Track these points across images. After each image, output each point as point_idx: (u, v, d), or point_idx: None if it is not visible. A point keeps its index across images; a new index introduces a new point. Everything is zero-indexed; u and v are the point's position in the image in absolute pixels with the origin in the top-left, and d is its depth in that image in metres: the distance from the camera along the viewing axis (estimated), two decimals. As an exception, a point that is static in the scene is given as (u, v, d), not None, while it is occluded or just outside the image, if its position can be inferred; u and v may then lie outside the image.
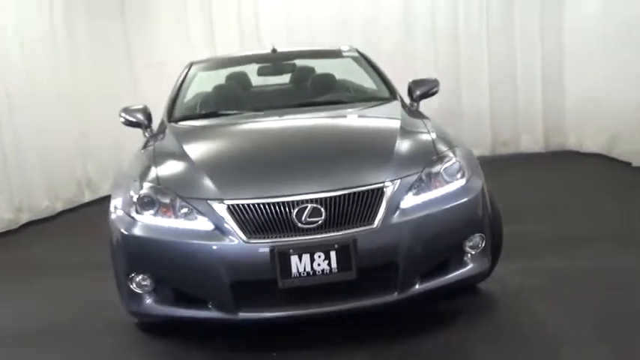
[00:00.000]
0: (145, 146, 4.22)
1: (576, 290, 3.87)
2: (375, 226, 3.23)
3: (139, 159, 3.88)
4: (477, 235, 3.47)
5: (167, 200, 3.38)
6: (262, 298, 3.25)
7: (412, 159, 3.51)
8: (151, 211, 3.40)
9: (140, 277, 3.40)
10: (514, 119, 8.41)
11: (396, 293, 3.28)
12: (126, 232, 3.40)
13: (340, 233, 3.20)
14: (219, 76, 5.16)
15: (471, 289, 3.90)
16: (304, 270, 3.16)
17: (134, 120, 4.58)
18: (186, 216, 3.33)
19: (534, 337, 3.35)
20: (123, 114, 4.63)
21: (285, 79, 5.27)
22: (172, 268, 3.32)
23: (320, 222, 3.20)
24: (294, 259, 3.15)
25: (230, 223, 3.21)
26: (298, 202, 3.23)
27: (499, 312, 3.73)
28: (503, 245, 3.81)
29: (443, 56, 8.38)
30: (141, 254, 3.37)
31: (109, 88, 8.39)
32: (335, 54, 5.27)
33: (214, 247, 3.20)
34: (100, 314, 4.16)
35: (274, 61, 5.22)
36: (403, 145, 3.61)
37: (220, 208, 3.26)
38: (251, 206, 3.24)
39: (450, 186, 3.45)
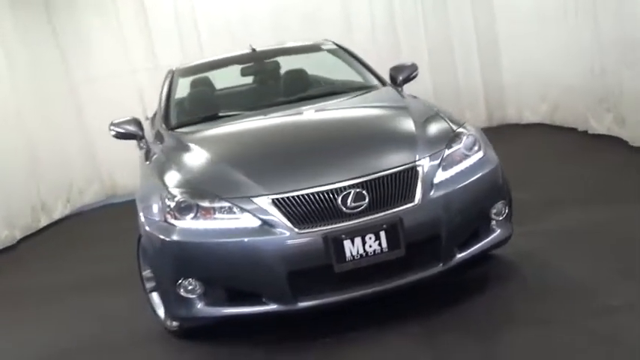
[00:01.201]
0: (149, 156, 4.21)
1: (583, 244, 4.13)
2: (416, 203, 3.38)
3: (156, 168, 3.88)
4: (500, 202, 3.68)
5: (206, 202, 3.42)
6: (319, 285, 3.34)
7: (434, 137, 3.69)
8: (190, 215, 3.43)
9: (189, 281, 3.42)
10: (457, 98, 8.74)
11: (440, 265, 3.45)
12: (169, 239, 3.42)
13: (385, 214, 3.34)
14: (204, 81, 5.17)
15: (486, 257, 4.07)
16: (357, 252, 3.27)
17: (127, 132, 4.55)
18: (228, 215, 3.38)
19: (566, 288, 3.59)
20: (113, 127, 4.60)
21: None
22: (223, 268, 3.37)
23: (364, 205, 3.33)
24: (347, 243, 3.26)
25: (278, 216, 3.29)
26: (342, 189, 3.34)
27: (522, 273, 3.94)
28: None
29: (383, 46, 8.60)
30: (188, 259, 3.40)
31: (50, 107, 8.20)
32: (314, 48, 5.37)
33: (267, 242, 3.27)
34: (124, 328, 4.17)
35: (256, 61, 5.27)
36: (421, 125, 3.78)
37: (265, 203, 3.33)
38: (296, 197, 3.33)
39: (471, 159, 3.65)
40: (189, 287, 3.43)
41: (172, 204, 3.46)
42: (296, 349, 3.46)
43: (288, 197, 3.33)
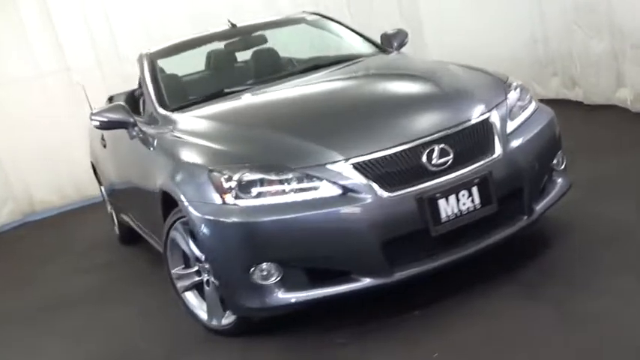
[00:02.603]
0: (149, 143, 3.78)
1: (621, 193, 4.05)
2: (498, 155, 3.18)
3: (184, 150, 3.44)
4: (559, 152, 3.55)
5: (272, 176, 3.03)
6: (415, 252, 3.04)
7: (491, 89, 3.51)
8: (254, 192, 3.03)
9: (264, 266, 3.01)
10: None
11: (525, 218, 3.26)
12: (235, 222, 3.00)
13: (473, 168, 3.10)
14: (184, 61, 4.69)
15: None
16: (452, 212, 3.02)
17: (113, 120, 4.04)
18: (301, 187, 3.00)
19: (627, 234, 3.47)
20: (96, 117, 4.07)
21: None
22: (303, 246, 2.99)
23: (450, 161, 3.07)
24: (441, 202, 3.00)
25: (363, 181, 2.97)
26: (424, 145, 3.07)
27: (574, 226, 3.79)
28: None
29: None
30: (261, 241, 3.00)
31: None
32: (296, 21, 5.02)
33: (354, 210, 2.93)
34: (160, 333, 3.70)
35: (239, 36, 4.85)
36: (474, 80, 3.63)
37: (345, 169, 2.99)
38: (379, 159, 3.01)
39: (528, 110, 3.50)
40: (265, 273, 3.02)
41: (232, 183, 3.03)
42: (382, 328, 3.14)
43: (370, 160, 3.01)
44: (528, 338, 2.80)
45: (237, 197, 3.03)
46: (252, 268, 3.01)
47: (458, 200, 3.01)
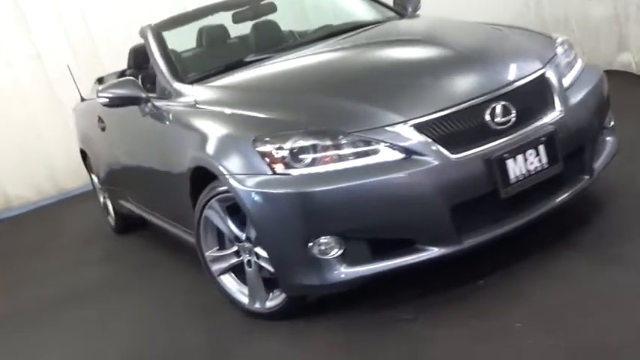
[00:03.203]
0: (164, 117, 3.54)
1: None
2: (559, 112, 3.01)
3: (225, 120, 3.19)
4: (609, 110, 3.40)
5: (327, 141, 2.79)
6: (483, 217, 2.84)
7: (541, 45, 3.35)
8: (307, 160, 2.79)
9: (323, 240, 2.78)
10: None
11: (587, 177, 3.10)
12: (289, 193, 2.77)
13: (537, 126, 2.92)
14: (192, 32, 4.40)
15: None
16: (520, 172, 2.85)
17: (125, 96, 3.74)
18: (359, 152, 2.77)
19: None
20: (105, 94, 3.76)
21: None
22: (365, 215, 2.77)
23: (513, 119, 2.88)
24: (509, 163, 2.81)
25: (426, 144, 2.75)
26: (486, 103, 2.87)
27: (618, 186, 3.64)
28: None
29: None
30: (320, 212, 2.76)
31: None
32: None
33: (419, 175, 2.72)
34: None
35: (247, 5, 4.56)
36: (520, 36, 3.50)
37: (406, 131, 2.78)
38: (441, 119, 2.81)
39: (576, 67, 3.33)
40: (324, 247, 2.78)
41: (283, 151, 2.79)
42: (448, 301, 2.93)
43: (431, 120, 2.80)
44: (605, 300, 2.64)
45: (288, 166, 2.79)
46: (311, 243, 2.77)
47: (526, 160, 2.83)
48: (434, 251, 2.79)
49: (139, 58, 4.94)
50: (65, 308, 4.23)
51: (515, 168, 2.81)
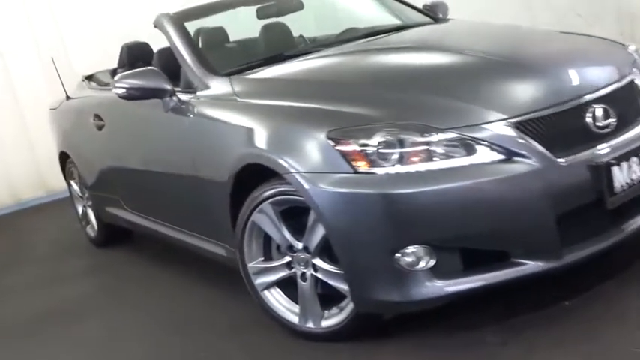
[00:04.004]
0: (187, 111, 3.21)
1: None
2: None
3: (288, 113, 2.82)
4: None
5: (417, 137, 2.46)
6: (586, 229, 2.55)
7: (619, 51, 3.16)
8: (394, 158, 2.46)
9: (412, 249, 2.44)
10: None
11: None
12: (379, 193, 2.41)
13: (637, 133, 2.67)
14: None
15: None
16: (624, 181, 2.59)
17: (148, 88, 3.34)
18: (454, 151, 2.46)
19: None
20: (123, 84, 3.35)
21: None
22: (463, 222, 2.45)
23: (614, 123, 2.64)
24: (615, 170, 2.55)
25: (529, 145, 2.46)
26: (586, 105, 2.62)
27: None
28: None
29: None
30: (411, 218, 2.43)
31: None
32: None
33: (523, 179, 2.43)
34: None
35: (272, 0, 4.22)
36: (596, 42, 3.26)
37: (508, 130, 2.48)
38: (543, 119, 2.54)
39: None
40: (412, 258, 2.44)
41: (368, 147, 2.45)
42: (536, 322, 2.62)
43: (534, 119, 2.51)
44: None
45: (373, 164, 2.45)
46: (398, 253, 2.42)
47: (629, 168, 2.58)
48: (531, 266, 2.49)
49: (133, 56, 4.57)
50: (54, 325, 3.73)
51: (620, 176, 2.55)
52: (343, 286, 2.67)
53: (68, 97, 4.87)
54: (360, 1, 4.34)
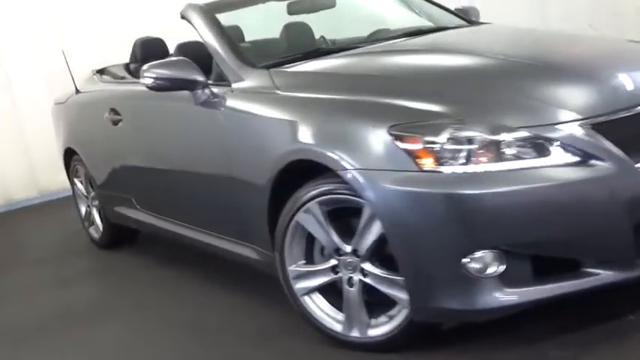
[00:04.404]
0: (219, 104, 3.07)
1: None
2: None
3: (343, 106, 2.64)
4: None
5: (487, 136, 2.31)
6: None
7: None
8: (462, 157, 2.30)
9: (480, 254, 2.27)
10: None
11: None
12: (449, 193, 2.25)
13: None
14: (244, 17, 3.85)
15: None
16: None
17: (182, 78, 3.15)
18: (526, 151, 2.31)
19: None
20: (152, 74, 3.16)
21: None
22: (535, 227, 2.29)
23: None
24: (690, 177, 2.39)
25: (607, 148, 2.32)
26: None
27: None
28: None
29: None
30: (482, 221, 2.26)
31: None
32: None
33: (603, 183, 2.28)
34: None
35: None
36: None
37: (584, 131, 2.34)
38: (620, 121, 2.41)
39: None
40: (482, 264, 2.27)
41: (436, 145, 2.28)
42: (605, 338, 2.46)
43: (609, 121, 2.37)
44: None
45: (440, 162, 2.28)
46: (467, 257, 2.25)
47: None
48: (604, 276, 2.33)
49: (147, 51, 4.40)
50: (63, 330, 3.51)
51: None
52: (395, 293, 2.50)
53: (78, 91, 4.64)
54: (391, 4, 4.18)
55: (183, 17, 3.62)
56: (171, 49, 4.45)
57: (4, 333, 3.62)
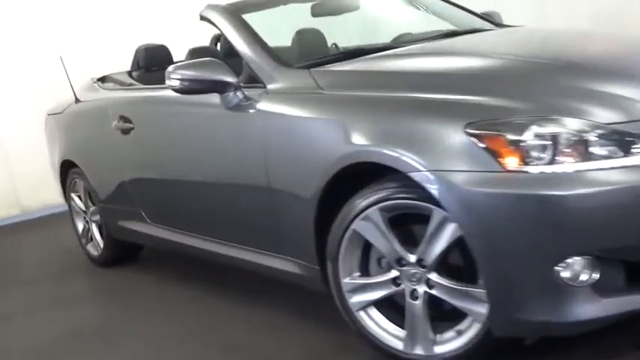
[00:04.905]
0: (245, 107, 2.89)
1: None
2: None
3: (407, 104, 2.43)
4: None
5: (574, 134, 2.14)
6: None
7: None
8: (547, 156, 2.12)
9: (572, 261, 2.09)
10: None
11: None
12: (538, 194, 2.07)
13: None
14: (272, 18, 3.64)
15: None
16: None
17: (213, 79, 2.94)
18: (614, 150, 2.14)
19: None
20: (179, 75, 2.95)
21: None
22: (632, 231, 2.10)
23: None
24: None
25: None
26: None
27: None
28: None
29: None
30: (575, 224, 2.08)
31: None
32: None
33: None
34: None
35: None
36: None
37: None
38: None
39: None
40: (574, 271, 2.09)
41: (521, 143, 2.10)
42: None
43: None
44: None
45: (525, 162, 2.09)
46: (561, 264, 2.06)
47: None
48: None
49: (150, 58, 4.20)
50: (80, 352, 3.20)
51: None
52: (467, 305, 2.31)
53: (77, 100, 4.38)
54: (413, 8, 4.02)
55: (203, 18, 3.40)
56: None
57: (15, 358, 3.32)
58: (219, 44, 4.71)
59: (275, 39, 3.49)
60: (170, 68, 3.00)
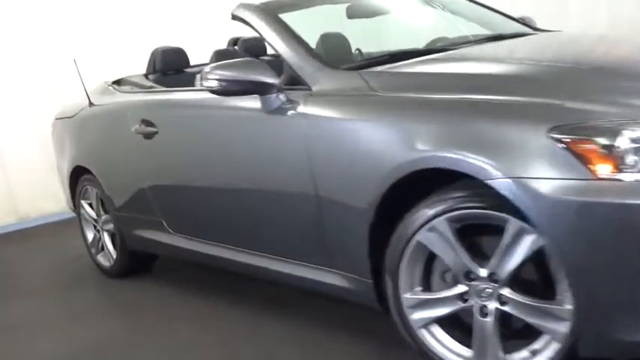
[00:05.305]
0: (286, 109, 2.73)
1: None
2: None
3: (478, 106, 2.26)
4: None
5: None
6: None
7: None
8: (636, 159, 1.97)
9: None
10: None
11: None
12: (634, 204, 1.92)
13: None
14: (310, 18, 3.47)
15: None
16: None
17: (254, 80, 2.77)
18: None
19: None
20: (218, 75, 2.78)
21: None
22: None
23: None
24: None
25: None
26: None
27: None
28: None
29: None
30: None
31: None
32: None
33: None
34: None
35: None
36: None
37: None
38: None
39: None
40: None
41: (614, 149, 1.95)
42: None
43: None
44: None
45: (619, 169, 1.94)
46: (658, 279, 1.91)
47: None
48: None
49: (167, 61, 4.04)
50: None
51: None
52: (545, 324, 2.16)
53: (91, 104, 4.18)
54: (446, 13, 3.89)
55: (235, 18, 3.22)
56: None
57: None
58: (237, 46, 4.56)
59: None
60: (207, 68, 2.83)
